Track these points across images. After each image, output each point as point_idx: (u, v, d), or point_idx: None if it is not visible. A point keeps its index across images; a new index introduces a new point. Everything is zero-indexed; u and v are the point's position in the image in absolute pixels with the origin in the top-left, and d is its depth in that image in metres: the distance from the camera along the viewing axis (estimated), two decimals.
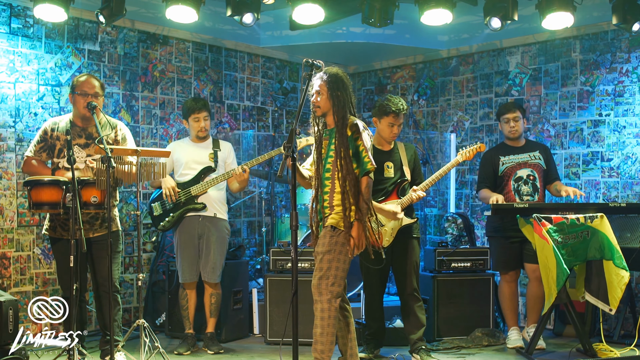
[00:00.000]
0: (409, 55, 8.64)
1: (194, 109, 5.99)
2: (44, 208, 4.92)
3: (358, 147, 4.55)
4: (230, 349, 6.16)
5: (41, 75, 6.48)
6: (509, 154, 6.24)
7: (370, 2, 6.04)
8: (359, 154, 4.54)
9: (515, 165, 6.19)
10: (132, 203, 7.05)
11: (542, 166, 6.20)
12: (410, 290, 5.62)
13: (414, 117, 8.42)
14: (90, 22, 6.79)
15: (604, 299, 5.43)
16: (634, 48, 6.84)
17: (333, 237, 4.50)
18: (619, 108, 6.94)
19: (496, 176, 6.23)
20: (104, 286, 5.21)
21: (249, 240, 8.04)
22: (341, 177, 4.47)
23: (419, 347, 5.58)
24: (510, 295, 6.24)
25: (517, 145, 6.28)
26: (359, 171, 4.55)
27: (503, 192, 6.15)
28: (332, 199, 4.56)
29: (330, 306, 4.45)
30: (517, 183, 6.16)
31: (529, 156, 6.22)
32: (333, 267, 4.48)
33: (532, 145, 6.34)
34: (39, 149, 5.36)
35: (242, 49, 8.09)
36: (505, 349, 6.13)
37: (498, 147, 6.47)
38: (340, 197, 4.52)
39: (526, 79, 7.64)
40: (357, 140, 4.56)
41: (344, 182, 4.47)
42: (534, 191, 6.13)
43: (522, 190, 6.12)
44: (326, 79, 4.62)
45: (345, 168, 4.46)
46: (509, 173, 6.19)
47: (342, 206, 4.49)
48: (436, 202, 8.30)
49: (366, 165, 4.53)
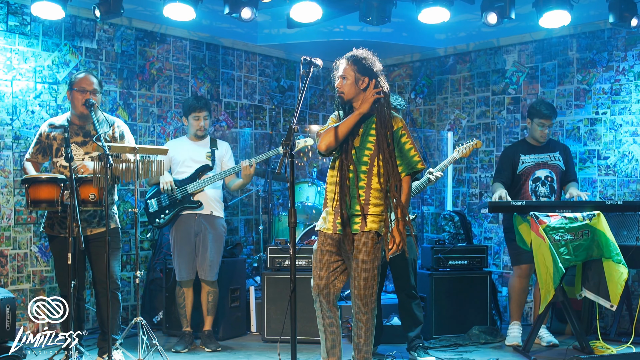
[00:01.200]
0: (406, 54, 8.65)
1: (195, 108, 6.00)
2: (42, 206, 4.91)
3: (405, 143, 4.35)
4: (228, 346, 6.16)
5: (38, 73, 6.47)
6: (530, 152, 6.21)
7: (368, 1, 6.05)
8: (405, 151, 4.34)
9: (534, 166, 6.17)
10: (129, 201, 7.05)
11: (560, 167, 6.19)
12: (407, 288, 5.63)
13: (411, 115, 8.43)
14: (88, 19, 6.79)
15: (605, 295, 5.45)
16: (631, 46, 6.86)
17: (377, 244, 4.30)
18: (616, 106, 6.96)
19: (514, 173, 6.21)
20: (102, 284, 5.21)
21: (246, 239, 8.04)
22: (384, 175, 4.26)
23: (417, 344, 5.60)
24: (520, 290, 6.23)
25: (539, 145, 6.26)
26: (402, 168, 4.33)
27: (520, 192, 6.14)
28: (369, 196, 4.30)
29: (374, 316, 4.38)
30: (534, 184, 6.15)
31: (549, 157, 6.20)
32: (376, 277, 4.33)
33: (553, 145, 6.32)
34: (36, 151, 5.40)
35: (239, 47, 8.09)
36: (503, 345, 6.16)
37: (520, 143, 6.44)
38: (378, 194, 4.30)
39: (523, 77, 7.65)
40: (403, 136, 4.35)
41: (385, 182, 4.27)
42: (551, 193, 6.13)
43: (540, 192, 6.12)
44: (352, 61, 4.34)
45: (391, 167, 4.25)
46: (528, 173, 6.17)
47: (382, 206, 4.31)
48: (433, 200, 8.31)
49: (416, 165, 4.35)
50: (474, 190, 7.95)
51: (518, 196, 6.14)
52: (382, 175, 4.27)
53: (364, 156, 4.31)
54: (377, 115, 4.32)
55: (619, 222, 6.14)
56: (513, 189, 6.19)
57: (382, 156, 4.27)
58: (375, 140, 4.30)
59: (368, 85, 4.32)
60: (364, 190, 4.30)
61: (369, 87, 4.32)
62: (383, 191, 4.28)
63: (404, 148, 4.35)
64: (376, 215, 4.30)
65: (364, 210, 4.30)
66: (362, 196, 4.29)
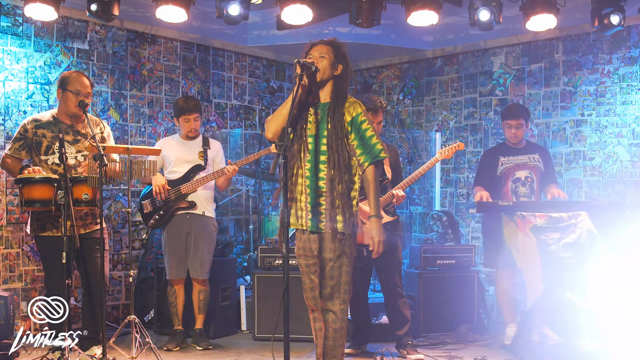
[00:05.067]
0: (395, 55, 8.73)
1: (185, 110, 6.02)
2: (36, 205, 4.92)
3: (366, 130, 4.07)
4: (219, 345, 6.21)
5: (30, 74, 6.51)
6: (509, 154, 6.26)
7: (358, 3, 6.11)
8: (367, 138, 4.06)
9: (514, 167, 6.22)
10: (120, 201, 7.09)
11: (540, 169, 6.24)
12: (393, 287, 5.70)
13: (399, 116, 8.51)
14: (80, 20, 6.83)
15: None
16: (615, 49, 6.97)
17: (343, 240, 4.08)
18: (601, 108, 7.06)
19: (494, 176, 6.27)
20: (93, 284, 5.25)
21: (236, 238, 8.10)
22: (338, 166, 4.00)
23: (405, 342, 5.67)
24: (507, 292, 6.26)
25: (517, 147, 6.34)
26: (364, 158, 4.05)
27: (501, 193, 6.19)
28: (333, 189, 4.02)
29: (344, 316, 4.15)
30: (515, 184, 6.21)
31: (528, 158, 6.25)
32: (344, 274, 4.11)
33: (532, 148, 6.36)
34: (19, 147, 5.31)
35: (229, 48, 8.15)
36: (490, 343, 6.24)
37: (498, 146, 6.49)
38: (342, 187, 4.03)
39: (510, 79, 7.75)
40: (364, 122, 4.08)
41: (342, 174, 4.01)
42: (531, 193, 6.17)
43: (520, 192, 6.16)
44: (333, 46, 4.13)
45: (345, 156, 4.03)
46: (508, 174, 6.22)
47: (343, 200, 4.03)
48: (421, 200, 8.39)
49: (379, 153, 4.05)
50: (462, 191, 8.05)
51: (499, 197, 6.18)
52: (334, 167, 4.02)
53: (323, 145, 4.06)
54: (332, 98, 4.12)
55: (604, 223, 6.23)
56: (494, 190, 6.25)
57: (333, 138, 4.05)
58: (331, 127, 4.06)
59: (340, 74, 4.14)
60: (324, 182, 4.04)
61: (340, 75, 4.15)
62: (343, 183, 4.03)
63: (365, 135, 4.06)
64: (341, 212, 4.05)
65: (329, 205, 4.05)
66: (323, 187, 4.04)
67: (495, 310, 7.14)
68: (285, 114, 3.96)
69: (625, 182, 6.86)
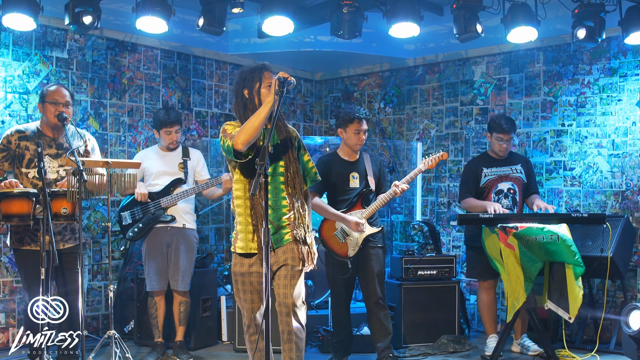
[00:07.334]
0: (376, 64, 8.73)
1: (166, 123, 6.00)
2: (14, 220, 4.83)
3: (304, 155, 4.32)
4: (200, 356, 6.19)
5: (8, 83, 6.44)
6: (492, 165, 6.28)
7: (339, 15, 6.10)
8: (304, 162, 4.31)
9: (496, 178, 6.24)
10: (100, 211, 7.04)
11: (522, 180, 6.26)
12: (375, 299, 5.68)
13: (380, 125, 8.51)
14: (59, 29, 6.77)
15: (565, 307, 5.55)
16: (596, 60, 7.00)
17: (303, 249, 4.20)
18: (581, 118, 7.10)
19: (477, 187, 6.31)
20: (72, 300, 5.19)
21: (216, 247, 8.07)
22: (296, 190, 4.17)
23: (386, 354, 5.66)
24: (489, 303, 6.30)
25: (500, 158, 6.34)
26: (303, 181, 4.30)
27: None
28: (293, 206, 4.18)
29: (300, 338, 4.19)
30: (497, 196, 6.22)
31: (511, 169, 6.26)
32: (303, 281, 4.25)
33: (515, 158, 6.38)
34: (1, 159, 5.25)
35: (210, 56, 8.11)
36: (472, 354, 6.26)
37: (481, 157, 6.49)
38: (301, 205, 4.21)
39: (491, 88, 7.77)
40: (302, 147, 4.30)
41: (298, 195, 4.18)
42: (514, 205, 6.20)
43: (502, 204, 6.16)
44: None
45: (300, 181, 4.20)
46: (490, 186, 6.24)
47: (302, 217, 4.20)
48: (402, 208, 8.40)
49: (316, 176, 4.35)
50: (443, 200, 8.06)
51: None
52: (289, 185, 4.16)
53: (280, 167, 4.17)
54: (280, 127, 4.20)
55: (584, 233, 6.28)
56: None
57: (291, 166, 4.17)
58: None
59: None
60: (287, 201, 4.19)
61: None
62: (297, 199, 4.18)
63: (303, 159, 4.31)
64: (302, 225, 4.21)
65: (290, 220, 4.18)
66: (287, 207, 4.19)
67: (477, 320, 7.15)
68: (258, 126, 3.90)
69: (605, 192, 6.90)
